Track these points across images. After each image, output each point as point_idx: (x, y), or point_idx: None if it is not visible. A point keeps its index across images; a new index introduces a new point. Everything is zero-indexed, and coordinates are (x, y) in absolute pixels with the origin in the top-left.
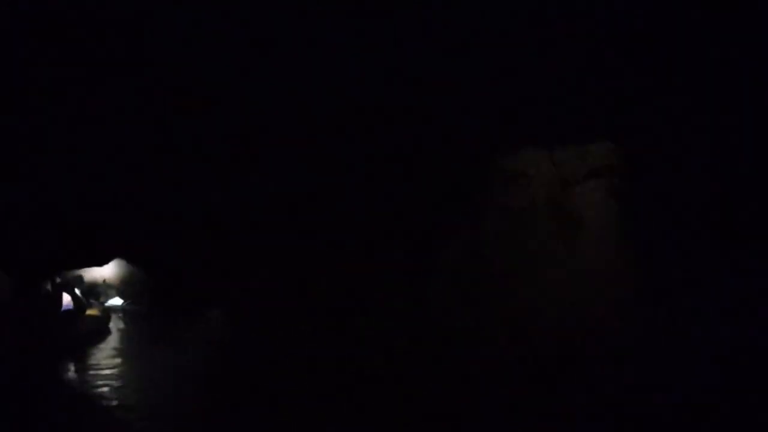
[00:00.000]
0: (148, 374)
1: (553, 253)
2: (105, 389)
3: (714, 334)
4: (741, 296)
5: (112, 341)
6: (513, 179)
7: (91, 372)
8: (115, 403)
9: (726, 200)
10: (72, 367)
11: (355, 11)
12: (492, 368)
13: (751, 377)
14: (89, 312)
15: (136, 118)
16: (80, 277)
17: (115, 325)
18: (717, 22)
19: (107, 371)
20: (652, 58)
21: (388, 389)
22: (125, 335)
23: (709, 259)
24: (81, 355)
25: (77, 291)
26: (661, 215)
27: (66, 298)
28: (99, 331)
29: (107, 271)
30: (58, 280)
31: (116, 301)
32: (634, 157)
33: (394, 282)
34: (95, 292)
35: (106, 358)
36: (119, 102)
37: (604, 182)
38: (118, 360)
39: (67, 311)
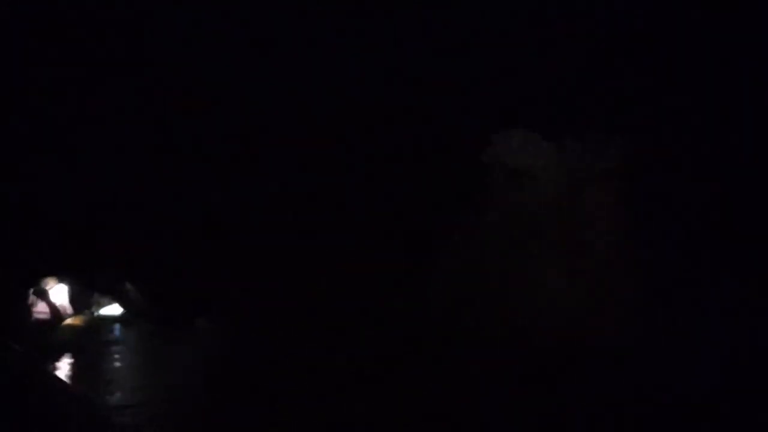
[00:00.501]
0: (144, 374)
1: (554, 253)
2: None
3: (714, 334)
4: (741, 296)
5: (97, 349)
6: (517, 175)
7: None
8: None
9: (726, 200)
10: None
11: (355, 11)
12: (492, 368)
13: (751, 377)
14: (70, 321)
15: (136, 118)
16: (66, 281)
17: (106, 335)
18: (717, 22)
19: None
20: (652, 58)
21: (388, 389)
22: (116, 345)
23: (709, 259)
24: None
25: (56, 297)
26: (661, 215)
27: (40, 306)
28: (77, 343)
29: None
30: (45, 285)
31: (113, 309)
32: (634, 157)
33: (394, 282)
34: (86, 298)
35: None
36: (119, 102)
37: (610, 182)
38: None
39: (40, 321)
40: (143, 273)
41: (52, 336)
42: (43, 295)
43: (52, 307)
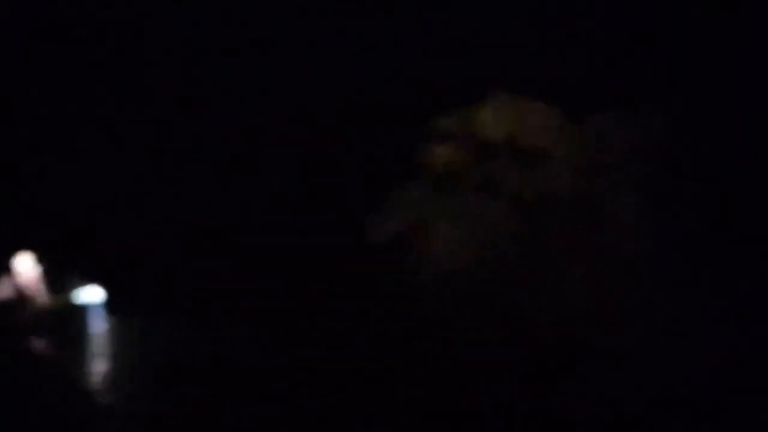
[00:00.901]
0: (121, 366)
1: (559, 251)
2: None
3: (714, 334)
4: (741, 296)
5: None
6: (529, 157)
7: None
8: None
9: (726, 200)
10: None
11: (355, 11)
12: (492, 368)
13: (751, 377)
14: (42, 303)
15: (136, 118)
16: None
17: (83, 321)
18: (717, 22)
19: None
20: (652, 58)
21: (388, 389)
22: (93, 332)
23: (709, 260)
24: None
25: (25, 274)
26: (661, 214)
27: (5, 283)
28: (49, 328)
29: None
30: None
31: (93, 294)
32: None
33: (393, 282)
34: (62, 279)
35: None
36: (119, 102)
37: (627, 171)
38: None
39: (3, 300)
40: (142, 272)
41: (20, 318)
42: (8, 272)
43: (19, 286)
